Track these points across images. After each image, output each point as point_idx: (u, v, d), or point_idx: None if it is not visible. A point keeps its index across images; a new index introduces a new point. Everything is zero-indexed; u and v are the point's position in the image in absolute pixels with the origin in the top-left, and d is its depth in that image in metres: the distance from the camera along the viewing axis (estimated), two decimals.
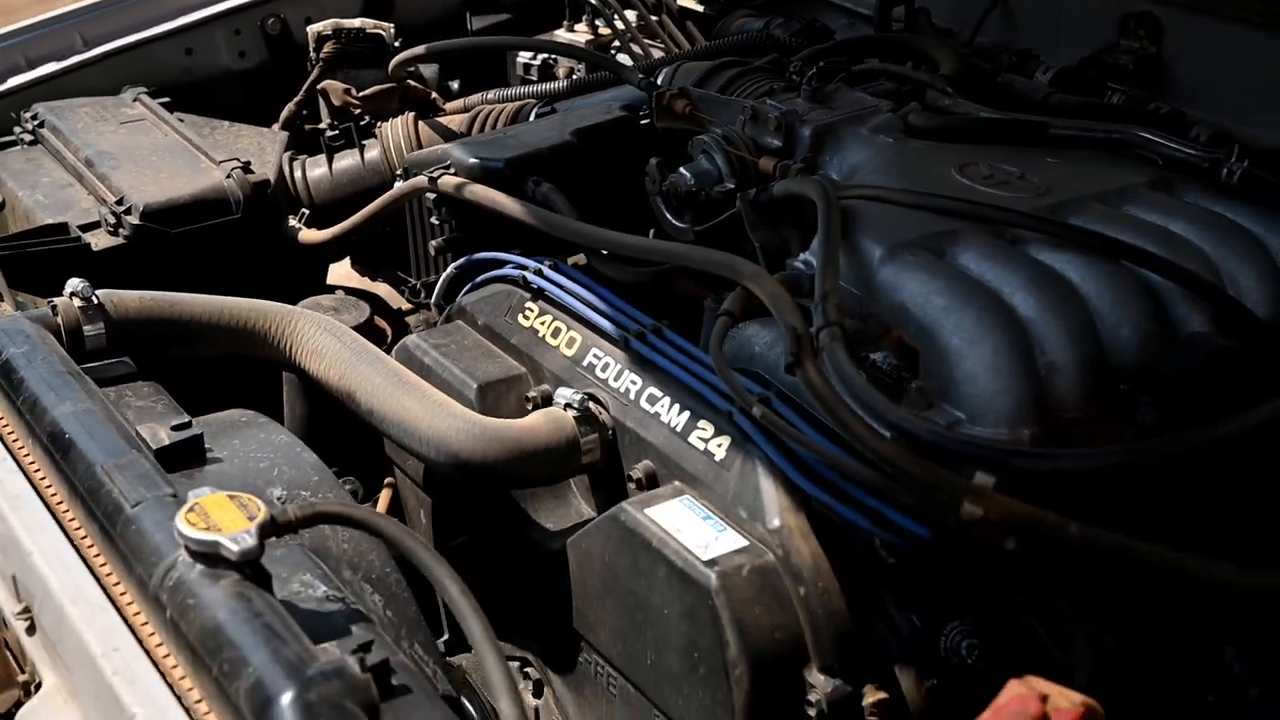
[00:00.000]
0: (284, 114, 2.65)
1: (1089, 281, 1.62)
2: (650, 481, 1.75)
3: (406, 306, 2.58)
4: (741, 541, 1.60)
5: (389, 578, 1.59)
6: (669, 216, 2.04)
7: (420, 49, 2.51)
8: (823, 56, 2.22)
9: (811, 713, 1.56)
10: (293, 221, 2.43)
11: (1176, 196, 1.81)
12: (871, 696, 1.56)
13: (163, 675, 1.35)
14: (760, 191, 1.85)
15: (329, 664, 1.26)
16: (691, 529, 1.63)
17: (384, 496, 2.19)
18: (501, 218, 2.04)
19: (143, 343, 1.89)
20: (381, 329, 2.31)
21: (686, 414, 1.73)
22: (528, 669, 1.97)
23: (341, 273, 2.78)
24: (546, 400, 1.87)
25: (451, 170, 2.12)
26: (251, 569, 1.38)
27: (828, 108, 2.03)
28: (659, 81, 2.24)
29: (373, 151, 2.52)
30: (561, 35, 2.93)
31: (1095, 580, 1.54)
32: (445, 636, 2.13)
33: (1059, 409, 1.55)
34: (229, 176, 2.31)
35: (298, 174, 2.51)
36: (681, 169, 1.99)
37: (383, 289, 2.71)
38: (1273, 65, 2.06)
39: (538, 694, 1.96)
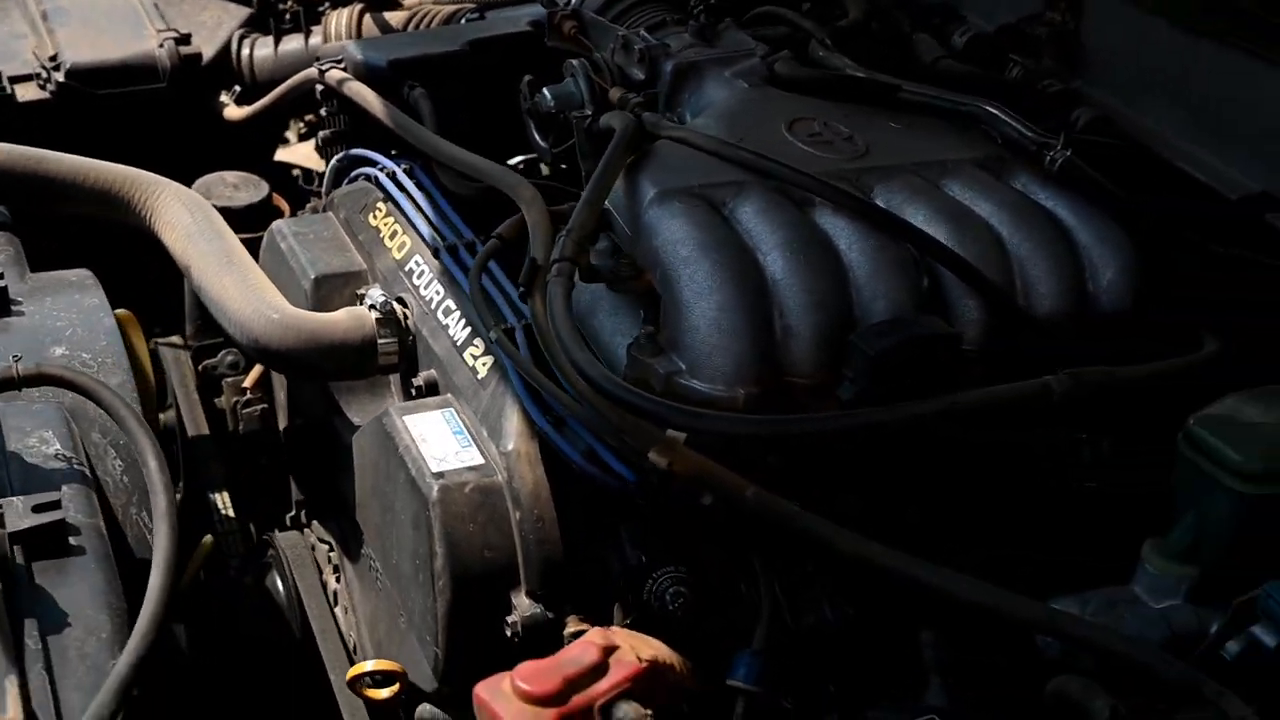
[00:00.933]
0: None
1: (854, 250, 1.60)
2: (430, 390, 1.80)
3: None
4: (478, 460, 1.64)
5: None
6: (535, 135, 2.05)
7: None
8: None
9: (508, 633, 1.60)
10: (224, 97, 2.50)
11: (1005, 177, 1.77)
12: (572, 627, 1.60)
13: None
14: (592, 120, 1.86)
15: None
16: (437, 440, 1.67)
17: (255, 371, 2.27)
18: (369, 117, 2.08)
19: (5, 195, 1.99)
20: (279, 208, 2.38)
21: (468, 330, 1.76)
22: (331, 554, 2.05)
23: (304, 153, 2.85)
24: None
25: (342, 65, 2.16)
26: None
27: (707, 45, 2.01)
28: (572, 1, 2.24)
29: (316, 38, 2.58)
30: None
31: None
32: (291, 513, 2.23)
33: (792, 373, 1.54)
34: (161, 45, 2.39)
35: (245, 51, 2.58)
36: (545, 89, 2.00)
37: None
38: (1176, 59, 1.98)
39: (339, 578, 2.04)
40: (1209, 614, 1.38)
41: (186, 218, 1.98)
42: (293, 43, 2.59)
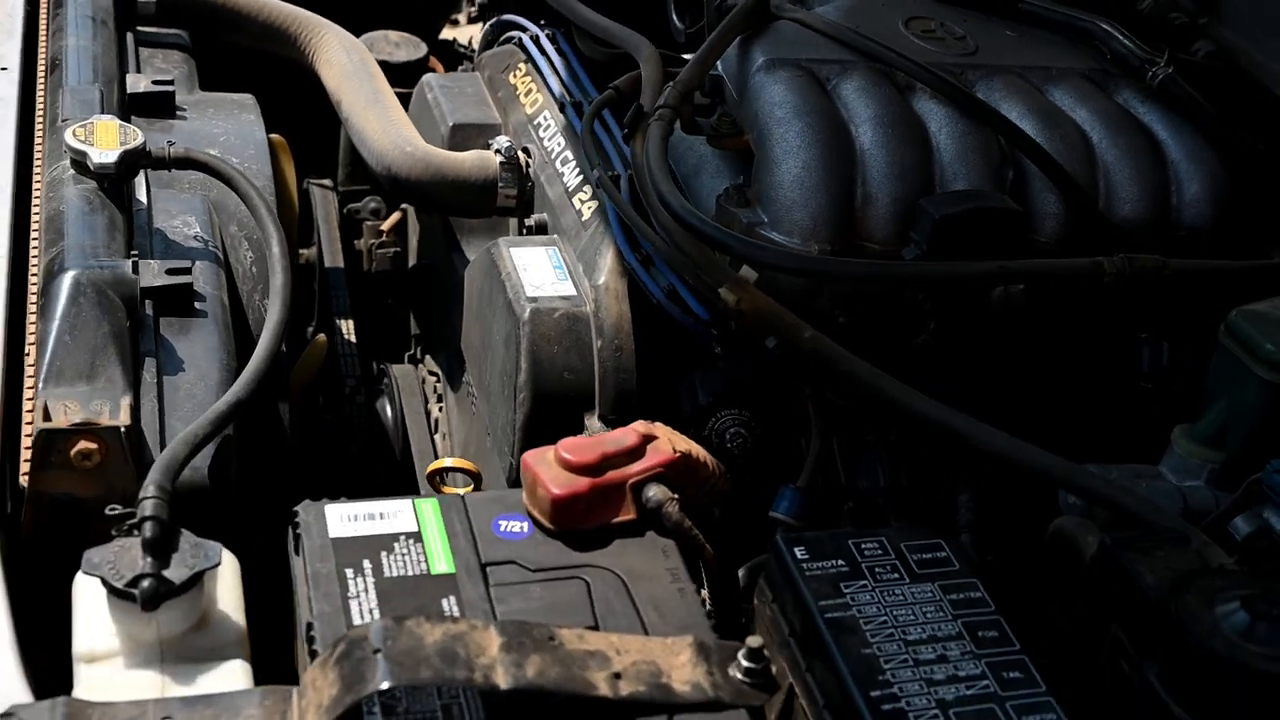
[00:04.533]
0: None
1: (943, 133, 1.69)
2: (540, 230, 1.93)
3: None
4: (571, 292, 1.77)
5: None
6: (674, 16, 2.17)
7: None
8: None
9: None
10: None
11: (1108, 90, 1.84)
12: None
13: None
14: (724, 2, 1.97)
15: (111, 261, 1.51)
16: (538, 271, 1.81)
17: (393, 217, 2.44)
18: None
19: (187, 17, 2.18)
20: (434, 68, 2.53)
21: (580, 177, 1.89)
22: (438, 385, 2.21)
23: (470, 32, 3.01)
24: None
25: None
26: (110, 184, 1.65)
27: None
28: None
29: None
30: None
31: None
32: (409, 351, 2.40)
33: (867, 238, 1.64)
34: None
35: None
36: None
37: None
38: None
39: (442, 407, 2.19)
40: (1227, 499, 1.45)
41: (344, 57, 2.14)
42: None
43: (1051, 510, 1.53)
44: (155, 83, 1.95)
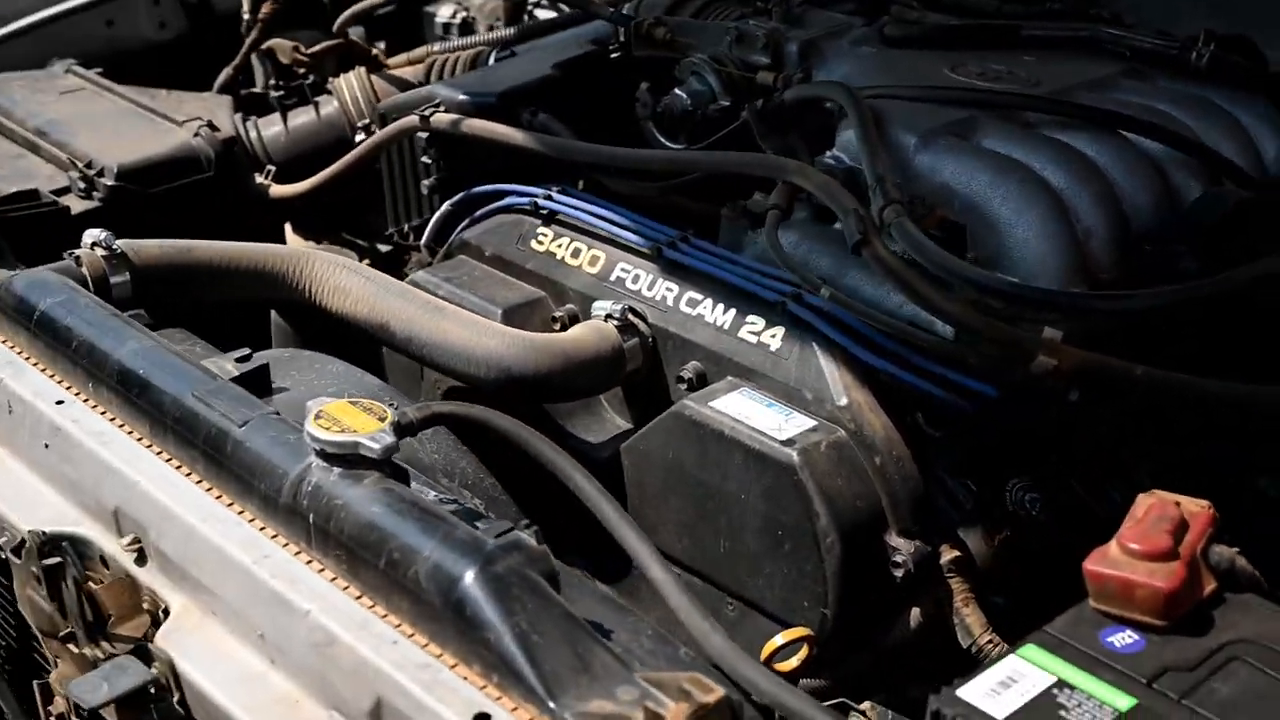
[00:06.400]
0: (222, 78, 2.64)
1: (1103, 156, 1.74)
2: (701, 380, 1.81)
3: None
4: (810, 421, 1.68)
5: (484, 482, 1.62)
6: (662, 139, 2.10)
7: (363, 4, 2.52)
8: None
9: (898, 574, 1.64)
10: (259, 179, 2.42)
11: (1151, 83, 1.95)
12: (948, 555, 1.66)
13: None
14: (767, 102, 1.93)
15: (506, 539, 1.29)
16: (759, 415, 1.70)
17: None
18: (505, 149, 2.07)
19: (166, 290, 1.88)
20: None
21: (733, 312, 1.79)
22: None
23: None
24: (574, 319, 1.92)
25: (442, 108, 2.15)
26: (390, 467, 1.41)
27: (803, 28, 2.12)
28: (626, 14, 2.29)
29: (329, 107, 2.52)
30: None
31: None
32: None
33: (1096, 271, 1.67)
34: (197, 135, 2.29)
35: (252, 134, 2.50)
36: (676, 90, 2.06)
37: None
38: None
39: None
40: None
41: (358, 279, 1.91)
42: (301, 116, 2.52)
43: None
44: (238, 361, 1.68)
